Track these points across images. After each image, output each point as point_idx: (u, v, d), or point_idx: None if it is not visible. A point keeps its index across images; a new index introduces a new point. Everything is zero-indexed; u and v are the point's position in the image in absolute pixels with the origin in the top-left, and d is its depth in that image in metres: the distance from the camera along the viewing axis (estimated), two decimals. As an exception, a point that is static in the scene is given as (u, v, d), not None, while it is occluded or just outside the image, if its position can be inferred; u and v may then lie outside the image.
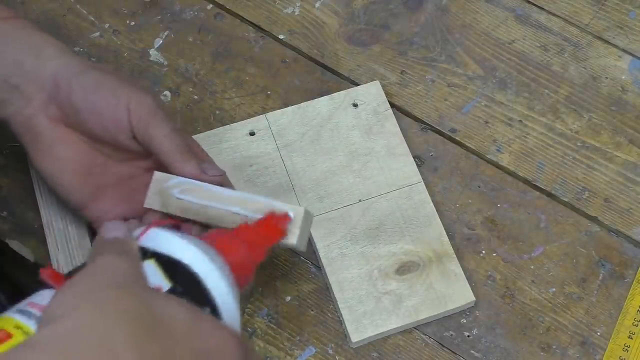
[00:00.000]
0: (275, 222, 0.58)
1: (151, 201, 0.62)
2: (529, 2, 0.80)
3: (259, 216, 0.59)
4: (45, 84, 0.61)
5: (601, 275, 0.69)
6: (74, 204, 0.64)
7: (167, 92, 0.75)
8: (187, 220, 0.61)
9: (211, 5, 0.79)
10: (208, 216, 0.60)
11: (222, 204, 0.60)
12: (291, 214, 0.59)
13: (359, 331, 0.65)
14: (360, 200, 0.70)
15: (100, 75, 0.62)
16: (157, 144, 0.61)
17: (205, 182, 0.61)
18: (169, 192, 0.61)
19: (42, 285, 0.51)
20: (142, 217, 0.62)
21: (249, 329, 0.66)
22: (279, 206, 0.59)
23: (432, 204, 0.70)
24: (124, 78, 0.63)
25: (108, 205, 0.64)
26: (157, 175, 0.62)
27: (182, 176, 0.61)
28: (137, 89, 0.62)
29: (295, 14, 0.79)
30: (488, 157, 0.73)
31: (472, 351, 0.66)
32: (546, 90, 0.76)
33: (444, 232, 0.69)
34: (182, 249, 0.53)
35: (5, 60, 0.62)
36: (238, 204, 0.60)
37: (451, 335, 0.66)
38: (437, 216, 0.69)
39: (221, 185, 0.62)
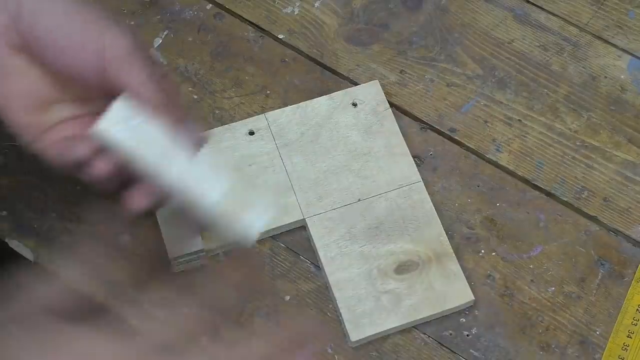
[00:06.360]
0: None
1: (101, 129, 0.55)
2: (528, 2, 0.80)
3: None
4: (8, 5, 0.55)
5: (600, 274, 0.69)
6: (22, 140, 0.58)
7: (166, 92, 0.75)
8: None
9: (210, 5, 0.79)
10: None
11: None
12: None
13: (358, 330, 0.65)
14: (359, 200, 0.70)
15: (73, 5, 0.55)
16: (130, 92, 0.54)
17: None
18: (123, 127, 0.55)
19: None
20: None
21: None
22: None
23: (431, 203, 0.70)
24: (102, 13, 0.56)
25: (58, 141, 0.58)
26: (122, 101, 0.55)
27: None
28: (113, 27, 0.55)
29: (295, 13, 0.79)
30: (487, 156, 0.73)
31: (472, 350, 0.66)
32: (545, 90, 0.76)
33: (443, 232, 0.69)
34: None
35: None
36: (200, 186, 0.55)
37: (450, 334, 0.66)
38: (436, 216, 0.69)
39: (198, 149, 0.56)
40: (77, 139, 0.57)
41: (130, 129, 0.55)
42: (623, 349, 0.66)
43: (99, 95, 0.57)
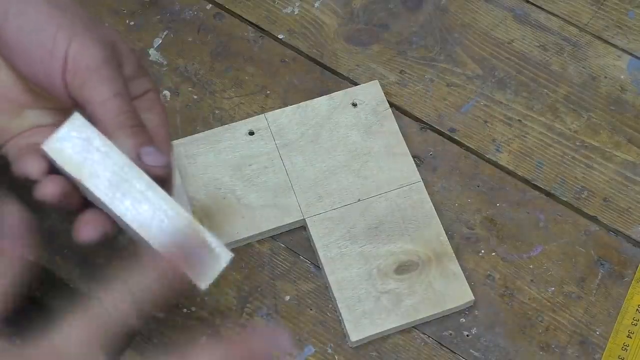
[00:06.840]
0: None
1: (46, 147, 0.50)
2: (528, 2, 0.80)
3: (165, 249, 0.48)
4: None
5: (600, 274, 0.69)
6: None
7: (166, 92, 0.75)
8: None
9: (210, 5, 0.79)
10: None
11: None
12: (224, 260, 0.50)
13: (358, 330, 0.65)
14: (359, 200, 0.70)
15: (47, 9, 0.50)
16: (91, 109, 0.50)
17: (142, 169, 0.50)
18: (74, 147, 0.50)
19: None
20: None
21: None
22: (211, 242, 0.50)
23: (431, 203, 0.70)
24: (79, 18, 0.51)
25: (22, 148, 0.54)
26: (77, 118, 0.50)
27: None
28: (84, 35, 0.50)
29: (295, 13, 0.79)
30: (487, 156, 0.73)
31: (472, 350, 0.66)
32: (545, 90, 0.76)
33: (443, 232, 0.69)
34: None
35: None
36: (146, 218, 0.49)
37: (450, 334, 0.66)
38: (436, 216, 0.69)
39: (161, 179, 0.51)
40: (30, 152, 0.51)
41: (79, 151, 0.50)
42: (623, 349, 0.66)
43: (73, 105, 0.52)
